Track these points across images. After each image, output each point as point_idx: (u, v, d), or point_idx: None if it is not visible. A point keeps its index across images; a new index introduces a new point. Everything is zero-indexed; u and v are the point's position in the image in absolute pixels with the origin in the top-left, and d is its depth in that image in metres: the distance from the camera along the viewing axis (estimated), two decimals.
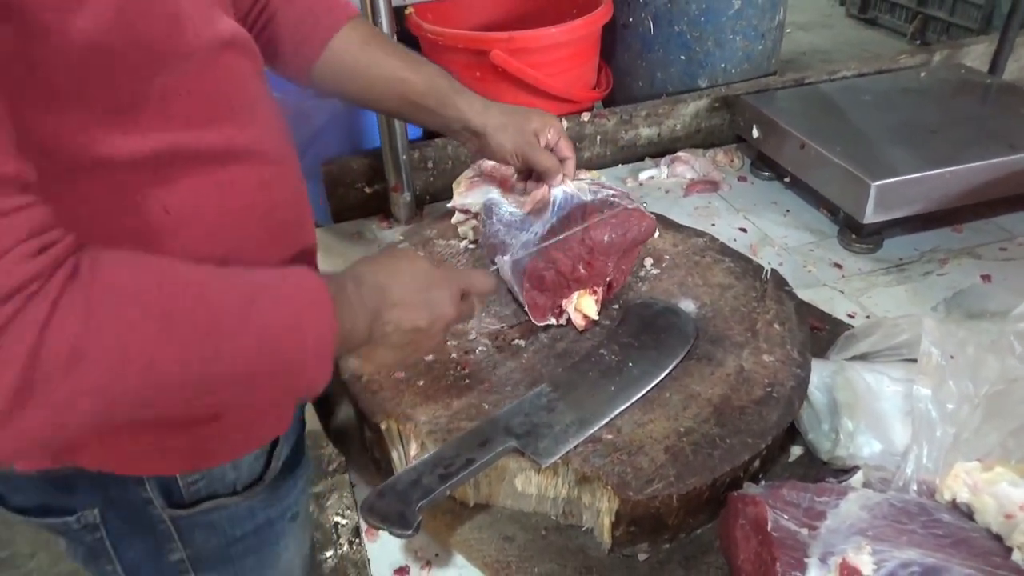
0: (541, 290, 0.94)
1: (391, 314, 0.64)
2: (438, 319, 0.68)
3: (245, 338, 0.52)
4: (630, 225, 0.94)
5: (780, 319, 0.97)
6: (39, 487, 0.68)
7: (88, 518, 0.69)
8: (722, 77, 1.71)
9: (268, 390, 0.57)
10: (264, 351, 0.53)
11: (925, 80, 1.63)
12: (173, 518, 0.70)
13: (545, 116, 0.95)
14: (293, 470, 0.78)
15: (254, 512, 0.74)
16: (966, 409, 0.80)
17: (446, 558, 0.83)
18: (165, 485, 0.68)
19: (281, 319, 0.54)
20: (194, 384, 0.50)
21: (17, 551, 2.08)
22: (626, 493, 0.74)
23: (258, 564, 0.78)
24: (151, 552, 0.72)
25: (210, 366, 0.50)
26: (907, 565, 0.63)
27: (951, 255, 1.34)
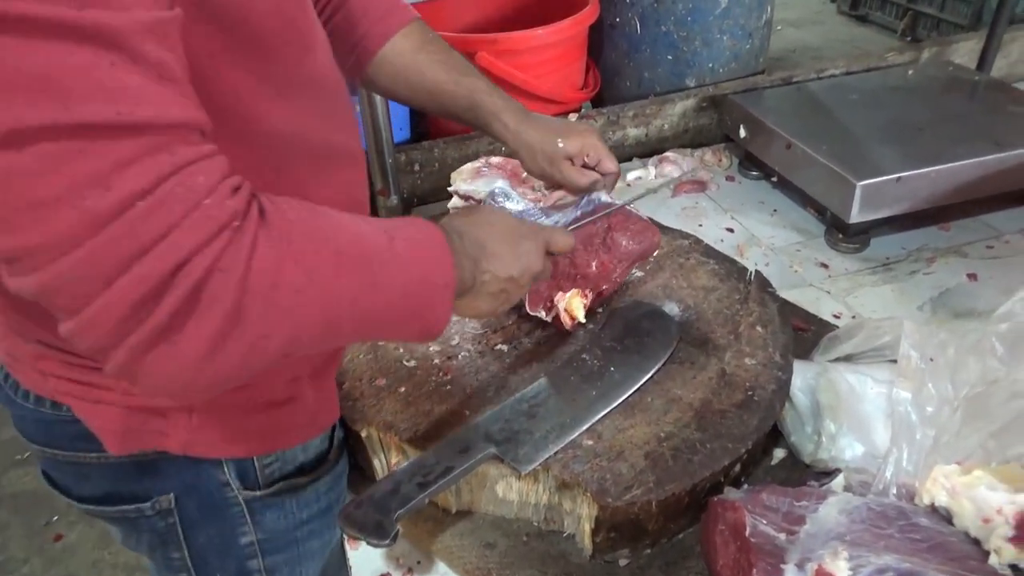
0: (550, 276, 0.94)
1: (489, 264, 0.68)
2: (527, 269, 0.72)
3: (393, 271, 0.55)
4: (645, 238, 0.95)
5: (763, 321, 0.97)
6: (113, 474, 0.69)
7: (163, 504, 0.70)
8: (710, 76, 1.70)
9: (406, 324, 0.59)
10: (407, 284, 0.57)
11: (913, 78, 1.63)
12: (247, 500, 0.71)
13: (584, 135, 0.95)
14: (343, 454, 0.81)
15: (319, 495, 0.76)
16: (946, 412, 0.80)
17: (428, 565, 0.83)
18: (242, 468, 0.70)
19: (416, 257, 0.58)
20: (359, 314, 0.53)
21: (11, 556, 2.08)
22: (605, 499, 0.74)
23: (320, 548, 0.80)
24: (222, 536, 0.74)
25: (370, 296, 0.53)
26: (883, 571, 0.63)
27: (938, 254, 1.34)
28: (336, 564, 0.82)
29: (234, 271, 0.44)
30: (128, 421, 0.64)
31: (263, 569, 0.75)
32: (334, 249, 0.51)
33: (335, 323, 0.52)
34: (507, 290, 0.71)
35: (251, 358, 0.47)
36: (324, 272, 0.50)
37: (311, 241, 0.50)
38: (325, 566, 0.79)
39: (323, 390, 0.73)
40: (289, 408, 0.69)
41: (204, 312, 0.44)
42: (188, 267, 0.42)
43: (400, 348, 0.94)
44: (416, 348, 0.94)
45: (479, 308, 0.71)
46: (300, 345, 0.50)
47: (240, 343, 0.46)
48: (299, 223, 0.50)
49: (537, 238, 0.74)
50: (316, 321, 0.50)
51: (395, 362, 0.92)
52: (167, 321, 0.43)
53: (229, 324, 0.45)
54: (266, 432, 0.69)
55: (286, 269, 0.47)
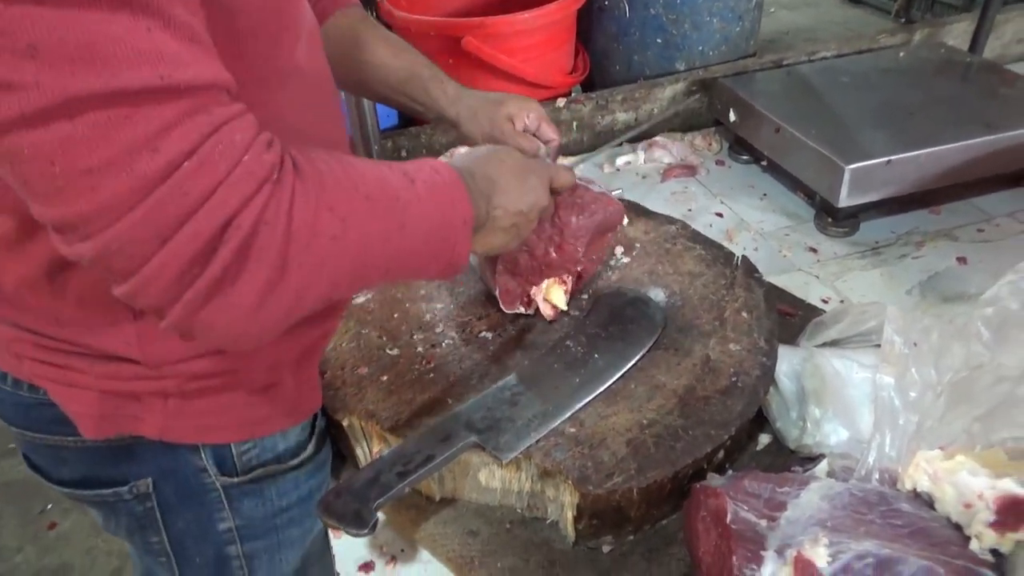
0: (513, 274, 0.93)
1: (500, 199, 0.70)
2: (536, 203, 0.74)
3: (417, 212, 0.57)
4: (597, 208, 0.93)
5: (748, 307, 0.97)
6: (90, 458, 0.70)
7: (140, 488, 0.71)
8: (700, 60, 1.69)
9: (431, 262, 0.61)
10: (431, 222, 0.59)
11: (904, 60, 1.62)
12: (225, 486, 0.72)
13: (522, 101, 0.95)
14: (325, 442, 0.81)
15: (298, 482, 0.77)
16: (929, 397, 0.79)
17: (411, 553, 0.83)
18: (219, 454, 0.70)
19: (436, 197, 0.60)
20: (388, 256, 0.56)
21: (4, 544, 2.08)
22: (586, 487, 0.73)
23: (300, 536, 0.80)
24: (200, 522, 0.74)
25: (399, 238, 0.56)
26: (862, 557, 0.63)
27: (928, 237, 1.34)
28: (318, 552, 0.82)
29: (278, 223, 0.46)
30: (103, 405, 0.64)
31: (242, 555, 0.75)
32: (364, 195, 0.53)
33: (369, 265, 0.54)
34: (518, 224, 0.73)
35: (297, 305, 0.50)
36: (357, 218, 0.52)
37: (342, 189, 0.52)
38: (306, 554, 0.79)
39: (304, 378, 0.73)
40: (268, 395, 0.69)
41: (254, 264, 0.46)
42: (237, 221, 0.44)
43: (383, 336, 0.94)
44: (399, 336, 0.94)
45: (493, 243, 0.73)
46: (339, 289, 0.52)
47: (287, 291, 0.48)
48: (329, 172, 0.52)
49: (542, 173, 0.77)
50: (353, 265, 0.52)
51: (377, 350, 0.91)
52: (221, 275, 0.45)
53: (277, 274, 0.47)
54: (244, 419, 0.69)
55: (322, 218, 0.49)
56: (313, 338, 0.71)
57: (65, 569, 2.00)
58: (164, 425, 0.66)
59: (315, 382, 0.76)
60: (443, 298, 1.00)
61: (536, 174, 0.76)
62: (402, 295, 1.00)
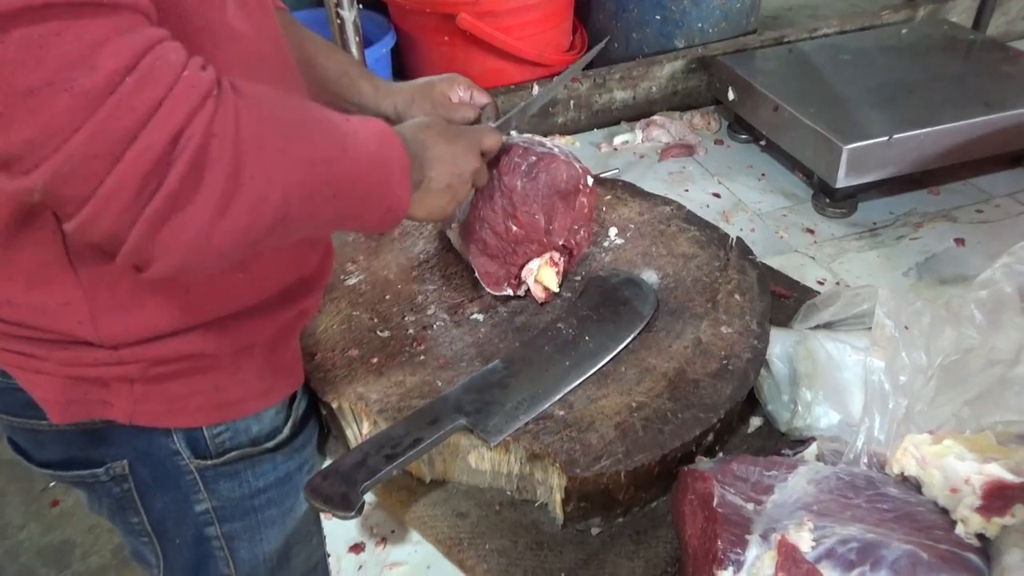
0: (488, 256, 0.92)
1: (433, 160, 0.72)
2: (467, 166, 0.76)
3: (356, 140, 0.58)
4: (540, 168, 0.89)
5: (741, 289, 0.96)
6: (66, 441, 0.70)
7: (116, 469, 0.71)
8: (699, 37, 1.67)
9: (372, 199, 0.62)
10: (369, 151, 0.59)
11: (907, 37, 1.59)
12: (199, 469, 0.72)
13: (450, 77, 0.95)
14: (308, 424, 0.81)
15: (276, 464, 0.77)
16: (920, 380, 0.79)
17: (401, 535, 0.83)
18: (192, 437, 0.70)
19: (372, 137, 0.61)
20: (334, 179, 0.56)
21: (8, 522, 2.10)
22: (573, 470, 0.73)
23: (279, 516, 0.80)
24: (177, 504, 0.75)
25: (341, 162, 0.57)
26: (846, 541, 0.63)
27: (926, 218, 1.33)
28: (304, 533, 0.82)
29: (227, 135, 0.47)
30: (69, 391, 0.64)
31: (221, 536, 0.76)
32: (304, 117, 0.55)
33: (318, 186, 0.54)
34: (453, 186, 0.74)
35: (253, 222, 0.49)
36: (301, 135, 0.53)
37: (284, 109, 0.53)
38: (289, 535, 0.79)
39: (278, 360, 0.72)
40: (238, 378, 0.69)
41: (209, 176, 0.46)
42: (187, 133, 0.45)
43: (374, 318, 0.94)
44: (391, 319, 0.93)
45: (431, 206, 0.74)
46: (293, 207, 0.52)
47: (243, 204, 0.48)
48: (268, 95, 0.52)
49: (470, 136, 0.78)
50: (302, 181, 0.53)
51: (368, 332, 0.91)
52: (178, 187, 0.45)
53: (231, 185, 0.47)
54: (214, 402, 0.69)
55: (268, 131, 0.50)
56: (286, 319, 0.71)
57: (68, 546, 2.02)
58: (133, 410, 0.66)
59: (291, 364, 0.75)
60: (435, 280, 1.00)
61: (464, 137, 0.77)
62: (394, 276, 1.00)
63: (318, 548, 0.87)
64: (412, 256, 1.04)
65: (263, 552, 0.79)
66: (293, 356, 0.74)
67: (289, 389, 0.75)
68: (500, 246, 0.91)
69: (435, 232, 1.09)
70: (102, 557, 1.99)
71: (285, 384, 0.74)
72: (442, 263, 1.03)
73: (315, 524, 0.86)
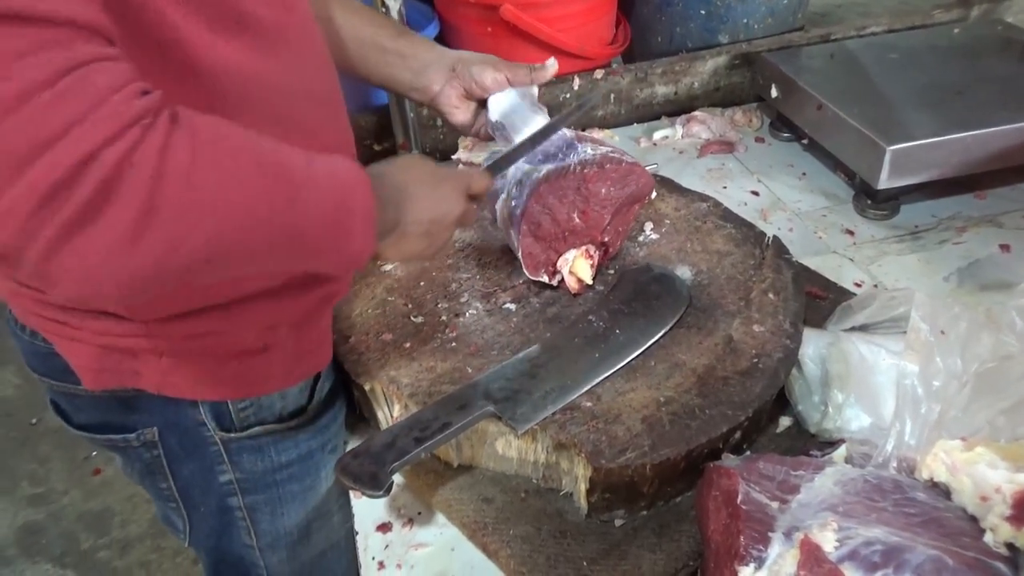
0: (536, 238, 0.93)
1: (411, 205, 0.70)
2: (449, 211, 0.74)
3: (311, 191, 0.56)
4: (629, 180, 0.93)
5: (776, 288, 0.96)
6: (102, 406, 0.75)
7: (147, 436, 0.75)
8: (744, 33, 1.65)
9: (328, 249, 0.60)
10: (325, 205, 0.57)
11: (958, 37, 1.56)
12: (224, 440, 0.75)
13: (482, 61, 0.94)
14: (332, 404, 0.83)
15: (298, 441, 0.80)
16: (954, 386, 0.78)
17: (428, 517, 0.85)
18: (217, 410, 0.73)
19: (334, 182, 0.58)
20: (278, 228, 0.54)
21: (51, 488, 2.18)
22: (599, 461, 0.74)
23: (300, 491, 0.83)
24: (203, 472, 0.78)
25: (290, 212, 0.54)
26: (871, 543, 0.63)
27: (971, 223, 1.30)
28: (325, 511, 0.84)
29: (145, 166, 0.45)
30: (102, 360, 0.67)
31: (243, 507, 0.79)
32: (254, 159, 0.52)
33: (255, 234, 0.52)
34: (431, 232, 0.72)
35: (168, 258, 0.47)
36: (242, 177, 0.50)
37: (230, 147, 0.51)
38: (311, 511, 0.82)
39: (305, 342, 0.75)
40: (263, 357, 0.71)
41: (118, 205, 0.44)
42: (99, 159, 0.43)
43: (408, 304, 0.95)
44: (424, 305, 0.95)
45: (407, 250, 0.72)
46: (218, 251, 0.50)
47: (156, 241, 0.46)
48: (216, 133, 0.50)
49: (456, 180, 0.75)
50: (234, 227, 0.50)
51: (402, 317, 0.93)
52: (81, 211, 0.43)
53: (144, 218, 0.45)
54: (239, 379, 0.72)
55: (202, 169, 0.48)
56: (313, 301, 0.73)
57: (107, 513, 2.10)
58: (161, 381, 0.69)
59: (319, 345, 0.77)
60: (469, 268, 1.01)
61: (449, 181, 0.74)
62: (429, 264, 1.02)
63: (340, 527, 0.90)
64: (448, 244, 1.05)
65: (284, 526, 0.82)
66: (320, 337, 0.76)
67: (314, 369, 0.77)
68: (553, 232, 0.92)
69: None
70: (140, 526, 2.06)
71: (310, 364, 0.76)
72: (477, 252, 1.04)
73: (337, 503, 0.88)
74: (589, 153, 0.93)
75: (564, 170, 0.90)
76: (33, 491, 2.18)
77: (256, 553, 0.87)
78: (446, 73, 0.92)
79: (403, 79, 0.92)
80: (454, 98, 0.94)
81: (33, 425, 2.34)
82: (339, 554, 0.94)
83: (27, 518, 2.11)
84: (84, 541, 2.04)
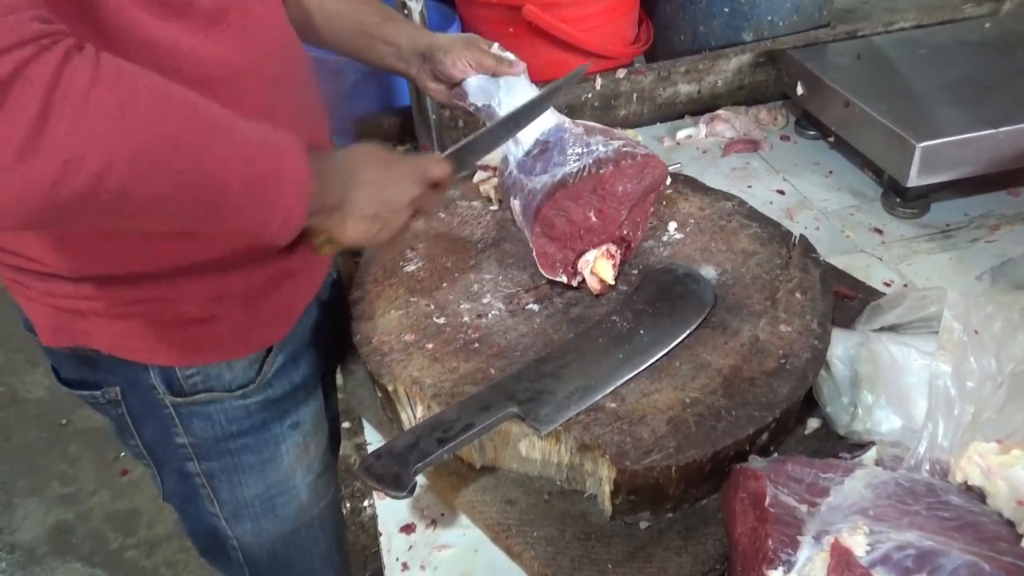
0: (551, 238, 0.93)
1: (357, 186, 0.69)
2: (400, 196, 0.73)
3: (230, 140, 0.56)
4: (645, 174, 0.93)
5: (803, 288, 0.94)
6: (73, 363, 0.79)
7: (111, 394, 0.79)
8: (769, 30, 1.63)
9: (248, 208, 0.59)
10: (247, 157, 0.57)
11: (989, 31, 1.53)
12: (174, 405, 0.79)
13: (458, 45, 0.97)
14: (290, 380, 0.85)
15: (249, 412, 0.82)
16: (988, 387, 0.76)
17: (451, 518, 0.85)
18: (167, 375, 0.76)
19: (262, 142, 0.58)
20: (186, 171, 0.53)
21: (82, 487, 2.22)
22: (623, 463, 0.73)
23: (258, 463, 0.86)
24: (162, 434, 0.82)
25: (199, 155, 0.53)
26: (903, 548, 0.61)
27: (1003, 221, 1.27)
28: (288, 484, 0.87)
29: (39, 81, 0.45)
30: (56, 319, 0.72)
31: (201, 473, 0.82)
32: (160, 93, 0.52)
33: (158, 170, 0.51)
34: (381, 214, 0.72)
35: (64, 182, 0.47)
36: (145, 108, 0.50)
37: (135, 79, 0.51)
38: (271, 483, 0.85)
39: (254, 316, 0.77)
40: (209, 326, 0.74)
41: (7, 115, 0.45)
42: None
43: (431, 305, 0.95)
44: (447, 306, 0.95)
45: (355, 230, 0.71)
46: (119, 183, 0.50)
47: (49, 160, 0.46)
48: (123, 66, 0.50)
49: (411, 166, 0.75)
50: (133, 156, 0.50)
51: (425, 318, 0.93)
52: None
53: (35, 134, 0.45)
54: (185, 346, 0.74)
55: (101, 92, 0.48)
56: (262, 276, 0.74)
57: (134, 514, 2.12)
58: (111, 343, 0.73)
59: (269, 319, 0.80)
60: (492, 269, 1.01)
61: (402, 166, 0.74)
62: (452, 264, 1.01)
63: (312, 506, 0.93)
64: (470, 245, 1.05)
65: (244, 496, 0.85)
66: (272, 312, 0.78)
67: (263, 344, 0.80)
68: (569, 232, 0.92)
69: (493, 222, 1.10)
70: (166, 527, 2.08)
71: (260, 338, 0.79)
72: (499, 253, 1.03)
73: (305, 481, 0.91)
74: (602, 150, 0.92)
75: (579, 173, 0.90)
76: (63, 491, 2.22)
77: (223, 523, 0.91)
78: (419, 58, 0.96)
79: (389, 63, 0.97)
80: (429, 81, 0.98)
81: (63, 426, 2.37)
82: (314, 534, 0.97)
83: (57, 517, 2.14)
84: (112, 541, 2.07)
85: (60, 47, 0.47)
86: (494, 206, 1.13)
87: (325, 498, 0.96)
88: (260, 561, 0.96)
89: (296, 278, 0.80)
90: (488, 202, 1.13)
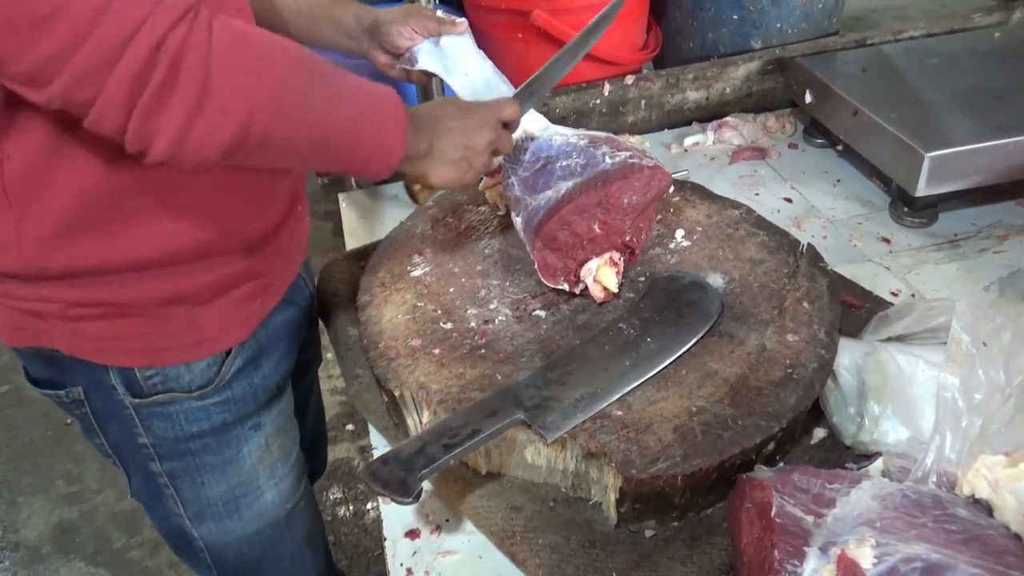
0: (553, 249, 0.93)
1: (444, 132, 0.79)
2: (481, 139, 0.82)
3: (344, 89, 0.68)
4: (651, 185, 0.92)
5: (810, 297, 0.94)
6: (39, 363, 0.80)
7: (74, 394, 0.80)
8: (777, 38, 1.63)
9: (355, 142, 0.70)
10: (352, 101, 0.68)
11: (999, 41, 1.52)
12: (134, 405, 0.80)
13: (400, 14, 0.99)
14: (250, 383, 0.86)
15: (209, 413, 0.83)
16: (996, 400, 0.76)
17: (456, 524, 0.85)
18: (126, 376, 0.78)
19: (368, 90, 0.70)
20: (304, 108, 0.64)
21: (85, 487, 2.22)
22: (629, 471, 0.73)
23: (219, 464, 0.87)
24: (125, 433, 0.83)
25: (314, 96, 0.65)
26: (910, 560, 0.61)
27: (1012, 231, 1.27)
28: (252, 486, 0.89)
29: (199, 48, 0.57)
30: (16, 320, 0.74)
31: (163, 473, 0.84)
32: (284, 47, 0.63)
33: (286, 109, 0.62)
34: (467, 157, 0.81)
35: (221, 128, 0.59)
36: (275, 57, 0.62)
37: (263, 36, 0.62)
38: (234, 484, 0.86)
39: (211, 318, 0.78)
40: (165, 328, 0.75)
41: (182, 82, 0.56)
42: (166, 45, 0.55)
43: (438, 310, 0.95)
44: (454, 311, 0.95)
45: (445, 175, 0.81)
46: (257, 124, 0.60)
47: (211, 111, 0.58)
48: (252, 28, 0.62)
49: (486, 110, 0.83)
50: (268, 98, 0.61)
51: (432, 324, 0.93)
52: (160, 86, 0.56)
53: (202, 93, 0.57)
54: (140, 348, 0.76)
55: (240, 48, 0.59)
56: (216, 278, 0.76)
57: (139, 513, 2.12)
58: (70, 344, 0.74)
59: (227, 322, 0.81)
60: (499, 274, 1.01)
61: (480, 110, 0.83)
62: (459, 270, 1.02)
63: (278, 507, 0.94)
64: (477, 250, 1.05)
65: (207, 496, 0.86)
66: (230, 315, 0.79)
67: (221, 346, 0.81)
68: (571, 243, 0.92)
69: (500, 228, 1.10)
70: None
71: (218, 341, 0.79)
72: (506, 259, 1.04)
73: (270, 481, 0.92)
74: (608, 163, 0.91)
75: (585, 187, 0.90)
76: (68, 490, 2.22)
77: (187, 523, 0.92)
78: (367, 33, 0.98)
79: (341, 43, 1.00)
80: (380, 56, 1.00)
81: (68, 425, 2.38)
82: (280, 534, 0.97)
83: (61, 516, 2.15)
84: (116, 540, 2.07)
85: (202, 19, 0.57)
86: (501, 212, 1.13)
87: (292, 499, 0.97)
88: (227, 560, 0.97)
89: (258, 280, 0.82)
90: (495, 208, 1.13)
